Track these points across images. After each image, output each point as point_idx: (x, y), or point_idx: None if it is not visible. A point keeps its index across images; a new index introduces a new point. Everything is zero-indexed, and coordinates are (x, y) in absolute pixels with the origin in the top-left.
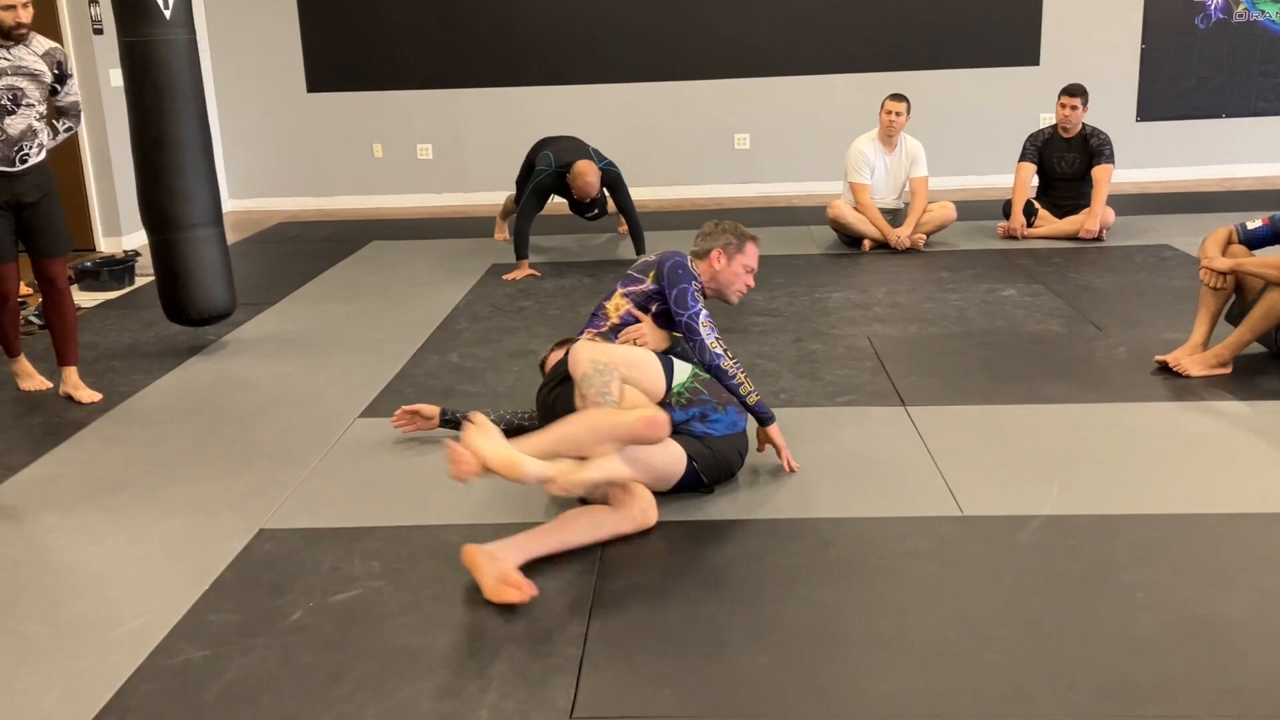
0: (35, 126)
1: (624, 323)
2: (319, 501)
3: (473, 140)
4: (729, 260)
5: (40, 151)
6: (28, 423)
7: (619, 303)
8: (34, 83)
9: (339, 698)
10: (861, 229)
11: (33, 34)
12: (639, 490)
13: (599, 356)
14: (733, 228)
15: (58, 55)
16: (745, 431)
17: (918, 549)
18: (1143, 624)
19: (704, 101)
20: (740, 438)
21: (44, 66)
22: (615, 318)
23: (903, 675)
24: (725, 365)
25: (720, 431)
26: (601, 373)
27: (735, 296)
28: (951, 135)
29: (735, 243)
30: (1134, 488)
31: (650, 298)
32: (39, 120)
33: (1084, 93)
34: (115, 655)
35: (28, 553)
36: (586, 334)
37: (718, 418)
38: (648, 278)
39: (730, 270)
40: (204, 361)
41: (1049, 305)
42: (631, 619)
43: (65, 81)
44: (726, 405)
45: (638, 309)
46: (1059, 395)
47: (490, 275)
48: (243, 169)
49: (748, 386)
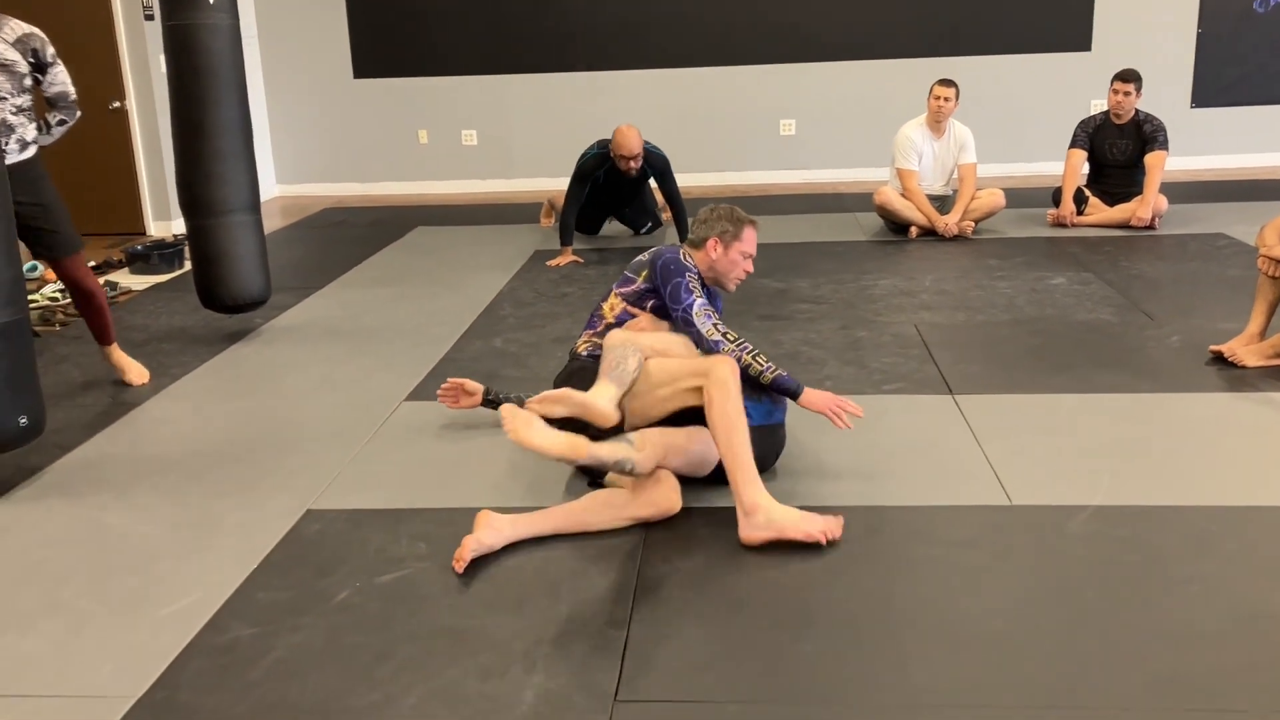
0: (9, 121)
1: (619, 321)
2: (366, 483)
3: (517, 126)
4: (726, 248)
5: (23, 149)
6: (80, 403)
7: (614, 303)
8: (3, 73)
9: (384, 678)
10: (909, 216)
11: (4, 18)
12: (664, 476)
13: (628, 339)
14: (729, 213)
15: (32, 42)
16: (783, 424)
17: (965, 538)
18: (1196, 617)
19: (749, 87)
20: (777, 430)
21: (16, 55)
22: (611, 317)
23: (950, 664)
24: (726, 349)
25: (756, 421)
26: (624, 345)
27: (733, 284)
28: (1001, 122)
29: (732, 230)
30: (1187, 479)
31: (644, 296)
32: (16, 114)
33: (1138, 78)
34: (166, 632)
35: (81, 530)
36: (584, 336)
37: (753, 406)
38: (639, 277)
39: (728, 259)
40: (252, 344)
41: (1100, 294)
42: (675, 603)
43: (46, 70)
44: (763, 395)
45: (633, 306)
46: (1110, 385)
47: (534, 261)
48: (290, 155)
49: (758, 366)
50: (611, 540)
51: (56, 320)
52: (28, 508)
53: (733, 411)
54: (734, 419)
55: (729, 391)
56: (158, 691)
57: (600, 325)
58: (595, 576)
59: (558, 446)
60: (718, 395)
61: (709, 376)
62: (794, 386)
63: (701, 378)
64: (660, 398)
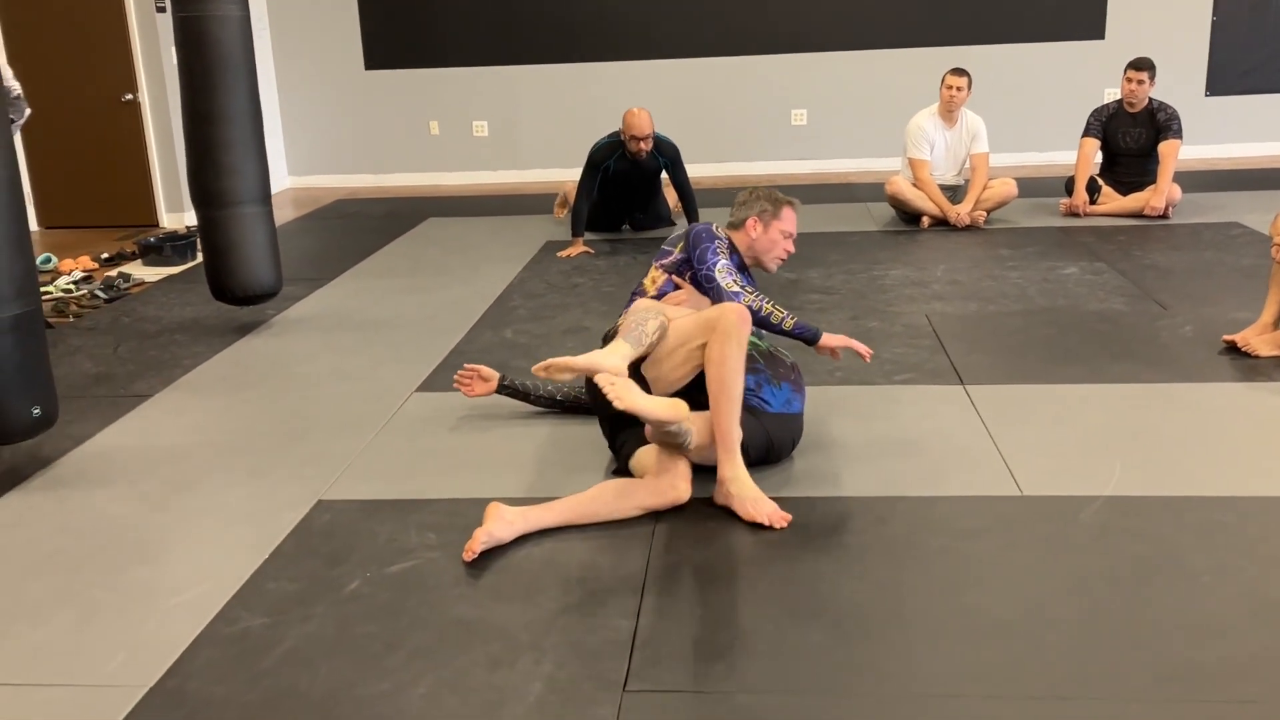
0: None
1: (662, 293)
2: (376, 473)
3: (528, 117)
4: (765, 227)
5: None
6: (93, 394)
7: (655, 275)
8: None
9: (395, 667)
10: (920, 205)
11: None
12: (674, 465)
13: (651, 305)
14: (767, 194)
15: None
16: (800, 415)
17: (976, 528)
18: (1208, 608)
19: (761, 77)
20: (794, 420)
21: None
22: (653, 290)
23: (960, 654)
24: (746, 301)
25: (775, 408)
26: (645, 311)
27: (774, 264)
28: (1014, 111)
29: (770, 209)
30: (1200, 469)
31: (682, 266)
32: None
33: (1151, 66)
34: (177, 621)
35: (93, 521)
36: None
37: (772, 393)
38: (676, 249)
39: (767, 237)
40: (264, 336)
41: (1112, 283)
42: (685, 594)
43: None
44: (782, 381)
45: (675, 275)
46: (1122, 375)
47: (545, 252)
48: (302, 146)
49: (778, 314)
50: (621, 531)
51: (70, 312)
52: (40, 498)
53: (729, 371)
54: (728, 379)
55: (730, 340)
56: (169, 681)
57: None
58: (604, 567)
59: (660, 409)
60: (717, 346)
61: (715, 328)
62: (812, 331)
63: (709, 331)
64: (676, 360)
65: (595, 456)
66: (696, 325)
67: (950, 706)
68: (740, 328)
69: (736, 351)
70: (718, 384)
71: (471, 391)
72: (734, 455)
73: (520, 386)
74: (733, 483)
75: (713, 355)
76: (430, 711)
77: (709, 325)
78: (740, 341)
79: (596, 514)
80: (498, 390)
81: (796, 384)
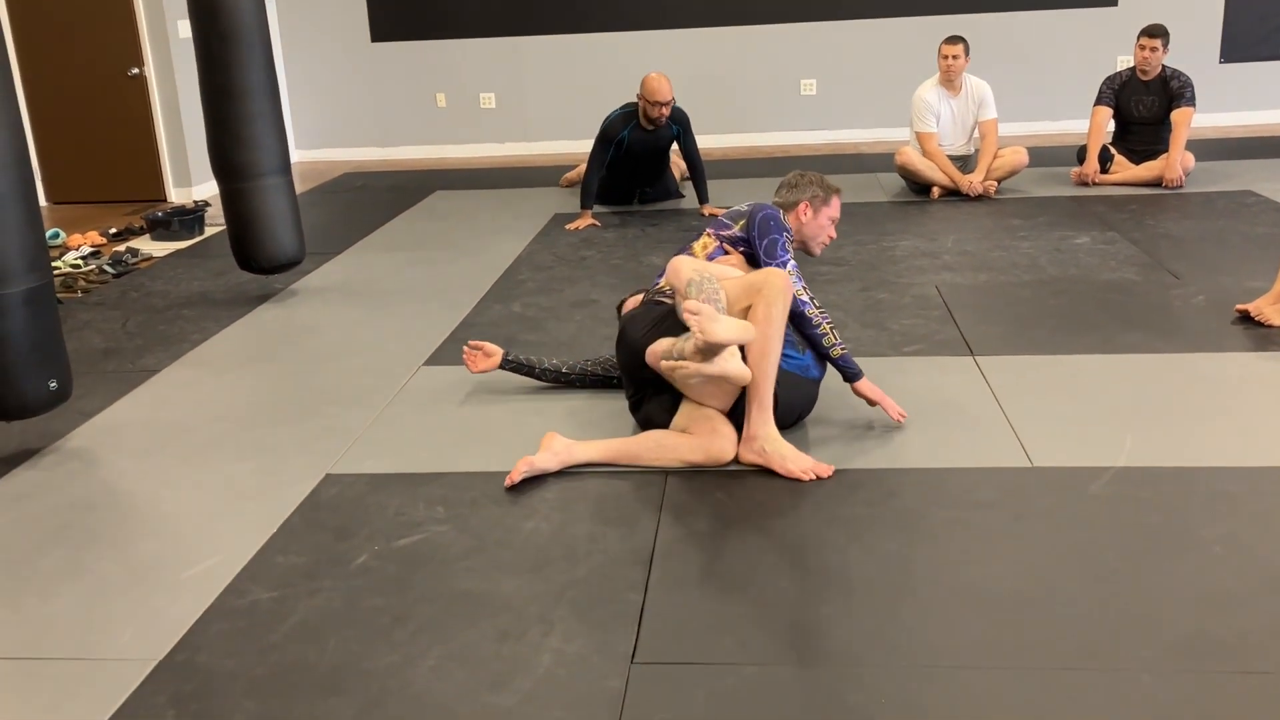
0: None
1: (710, 259)
2: (384, 447)
3: (535, 89)
4: (815, 213)
5: None
6: (102, 369)
7: (706, 241)
8: None
9: (403, 640)
10: (931, 176)
11: None
12: (720, 426)
13: (701, 268)
14: (819, 180)
15: None
16: (817, 382)
17: (986, 500)
18: (1220, 578)
19: (770, 47)
20: (810, 384)
21: None
22: (702, 255)
23: (969, 626)
24: (809, 313)
25: (790, 367)
26: (709, 281)
27: (819, 248)
28: (1025, 79)
29: (822, 195)
30: (1212, 439)
31: (737, 242)
32: None
33: (1165, 33)
34: (186, 595)
35: (103, 495)
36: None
37: (794, 354)
38: (736, 225)
39: (816, 223)
40: (272, 310)
41: (1124, 253)
42: (693, 566)
43: None
44: (805, 349)
45: (727, 245)
46: (1133, 345)
47: (553, 224)
48: (308, 120)
49: (831, 339)
50: (630, 504)
51: (78, 287)
52: (51, 473)
53: (773, 332)
54: (771, 339)
55: (776, 303)
56: (178, 654)
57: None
58: (613, 540)
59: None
60: (763, 307)
61: (760, 291)
62: (855, 370)
63: (755, 293)
64: None
65: (603, 428)
66: (742, 288)
67: (960, 678)
68: (786, 291)
69: (780, 314)
70: (761, 344)
71: (475, 367)
72: (766, 413)
73: (525, 361)
74: (766, 440)
75: (758, 314)
76: (438, 684)
77: (754, 288)
78: (785, 305)
79: (638, 457)
80: (501, 366)
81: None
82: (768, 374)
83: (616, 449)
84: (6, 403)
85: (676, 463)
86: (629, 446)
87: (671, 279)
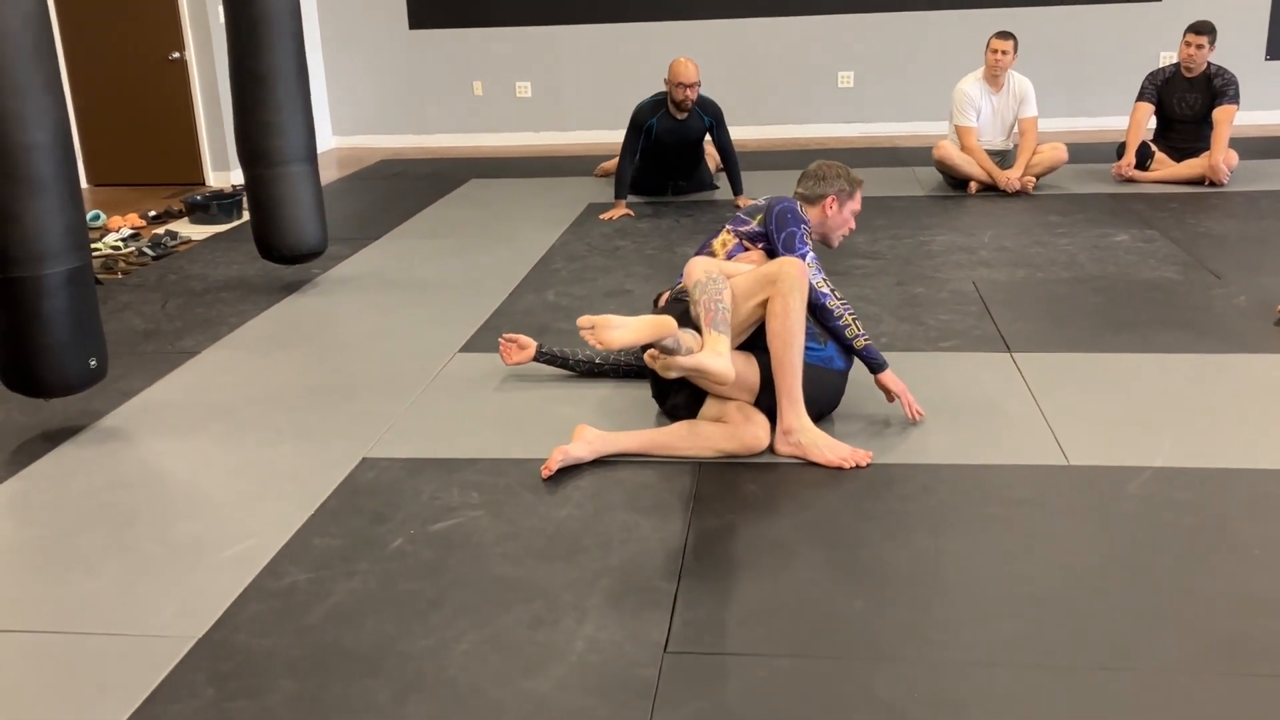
0: None
1: (730, 255)
2: (420, 432)
3: (571, 78)
4: (840, 207)
5: None
6: (141, 350)
7: (726, 238)
8: None
9: (438, 624)
10: (968, 171)
11: None
12: (754, 415)
13: (712, 268)
14: (845, 172)
15: None
16: (843, 373)
17: (1021, 497)
18: (1259, 581)
19: (807, 38)
20: (834, 376)
21: None
22: (722, 253)
23: (1003, 623)
24: (830, 304)
25: (812, 360)
26: (715, 281)
27: (838, 240)
28: (1066, 74)
29: (848, 189)
30: (1252, 441)
31: (756, 237)
32: None
33: (1212, 30)
34: (225, 575)
35: (143, 475)
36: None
37: (815, 346)
38: (754, 220)
39: (840, 216)
40: (308, 295)
41: (1164, 251)
42: (726, 557)
43: None
44: (828, 341)
45: (747, 241)
46: (1173, 344)
47: (587, 214)
48: (346, 107)
49: (854, 330)
50: (663, 493)
51: (119, 269)
52: (93, 450)
53: (794, 324)
54: (793, 331)
55: (793, 293)
56: (216, 633)
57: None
58: (647, 529)
59: (644, 332)
60: (780, 300)
61: (775, 283)
62: (879, 361)
63: (770, 285)
64: (739, 317)
65: (638, 418)
66: (756, 281)
67: (993, 675)
68: (801, 280)
69: (799, 304)
70: (783, 336)
71: (510, 359)
72: (798, 405)
73: (559, 353)
74: (801, 432)
75: (775, 309)
76: (472, 668)
77: (769, 280)
78: (802, 294)
79: (673, 448)
80: (535, 358)
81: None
82: (793, 366)
83: (650, 439)
84: (49, 380)
85: (711, 452)
86: (663, 436)
87: (685, 280)
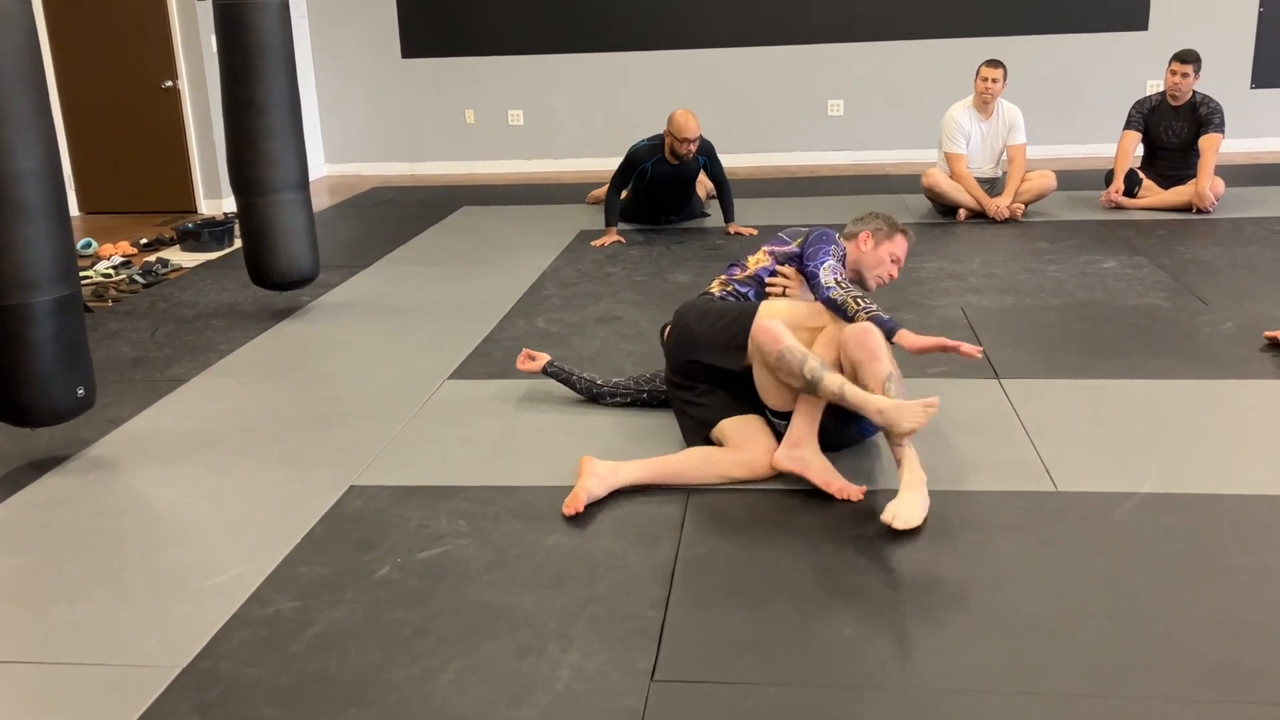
0: None
1: (759, 276)
2: (408, 460)
3: (563, 107)
4: (876, 244)
5: None
6: (130, 377)
7: (760, 257)
8: None
9: (424, 652)
10: (957, 198)
11: None
12: (761, 439)
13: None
14: (887, 218)
15: None
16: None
17: (1010, 523)
18: (1248, 607)
19: (797, 67)
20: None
21: None
22: (753, 269)
23: (992, 649)
24: (835, 295)
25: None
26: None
27: (874, 282)
28: (1053, 103)
29: (885, 229)
30: (1239, 467)
31: (791, 259)
32: None
33: (1197, 59)
34: (210, 603)
35: (129, 502)
36: (719, 280)
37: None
38: (794, 242)
39: (875, 254)
40: (298, 322)
41: (1152, 278)
42: (714, 585)
43: None
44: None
45: (778, 263)
46: (1160, 370)
47: (578, 241)
48: (338, 134)
49: (854, 306)
50: (651, 521)
51: (109, 296)
52: (79, 479)
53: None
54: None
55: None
56: (201, 661)
57: (739, 274)
58: (634, 557)
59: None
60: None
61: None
62: (890, 324)
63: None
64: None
65: (626, 446)
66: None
67: (981, 703)
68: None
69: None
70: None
71: (521, 366)
72: (814, 426)
73: (564, 370)
74: (809, 447)
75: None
76: (458, 697)
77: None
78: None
79: (681, 475)
80: (543, 371)
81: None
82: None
83: (659, 468)
84: (36, 409)
85: (720, 479)
86: (672, 465)
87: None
